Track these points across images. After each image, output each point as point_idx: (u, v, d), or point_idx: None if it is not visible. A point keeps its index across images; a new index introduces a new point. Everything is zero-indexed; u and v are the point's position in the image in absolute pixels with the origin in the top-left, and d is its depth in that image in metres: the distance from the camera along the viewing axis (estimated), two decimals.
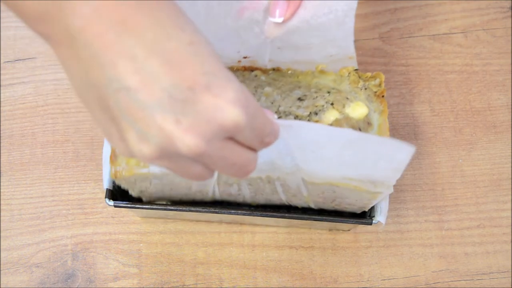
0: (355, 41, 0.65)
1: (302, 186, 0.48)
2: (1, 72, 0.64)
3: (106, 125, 0.34)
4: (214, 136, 0.32)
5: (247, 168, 0.35)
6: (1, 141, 0.61)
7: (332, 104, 0.48)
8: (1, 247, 0.57)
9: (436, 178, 0.61)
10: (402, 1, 0.68)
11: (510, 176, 0.61)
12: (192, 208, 0.50)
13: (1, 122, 0.62)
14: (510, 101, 0.64)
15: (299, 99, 0.49)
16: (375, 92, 0.51)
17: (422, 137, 0.62)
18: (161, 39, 0.31)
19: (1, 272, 0.57)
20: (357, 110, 0.48)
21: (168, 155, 0.33)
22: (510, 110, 0.63)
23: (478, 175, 0.61)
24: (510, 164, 0.61)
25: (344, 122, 0.47)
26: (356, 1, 0.47)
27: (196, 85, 0.31)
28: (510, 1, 0.68)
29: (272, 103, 0.49)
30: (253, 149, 0.36)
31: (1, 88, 0.63)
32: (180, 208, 0.50)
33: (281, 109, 0.48)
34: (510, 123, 0.63)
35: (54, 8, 0.31)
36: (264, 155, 0.36)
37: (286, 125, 0.39)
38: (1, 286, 0.56)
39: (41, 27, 0.33)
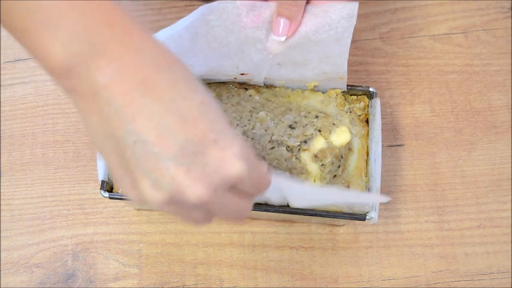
0: (355, 41, 0.66)
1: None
2: (2, 72, 0.64)
3: (120, 172, 0.36)
4: (219, 186, 0.35)
5: (243, 214, 0.40)
6: (2, 141, 0.61)
7: (319, 131, 0.52)
8: (1, 247, 0.57)
9: (436, 179, 0.61)
10: (402, 1, 0.68)
11: (510, 177, 0.61)
12: None
13: (2, 122, 0.62)
14: (510, 101, 0.64)
15: (290, 126, 0.52)
16: (359, 115, 0.55)
17: (423, 137, 0.62)
18: (176, 99, 0.35)
19: (1, 272, 0.57)
20: (341, 137, 0.52)
21: (176, 201, 0.35)
22: (510, 110, 0.63)
23: (478, 175, 0.61)
24: (510, 165, 0.61)
25: (328, 152, 0.51)
26: (355, 19, 0.49)
27: (206, 140, 0.35)
28: (510, 1, 0.68)
29: (266, 130, 0.52)
30: (249, 197, 0.39)
31: (2, 88, 0.63)
32: None
33: (274, 137, 0.52)
34: (510, 123, 0.63)
35: (80, 65, 0.34)
36: None
37: (277, 181, 0.42)
38: (1, 286, 0.56)
39: (67, 82, 0.36)
